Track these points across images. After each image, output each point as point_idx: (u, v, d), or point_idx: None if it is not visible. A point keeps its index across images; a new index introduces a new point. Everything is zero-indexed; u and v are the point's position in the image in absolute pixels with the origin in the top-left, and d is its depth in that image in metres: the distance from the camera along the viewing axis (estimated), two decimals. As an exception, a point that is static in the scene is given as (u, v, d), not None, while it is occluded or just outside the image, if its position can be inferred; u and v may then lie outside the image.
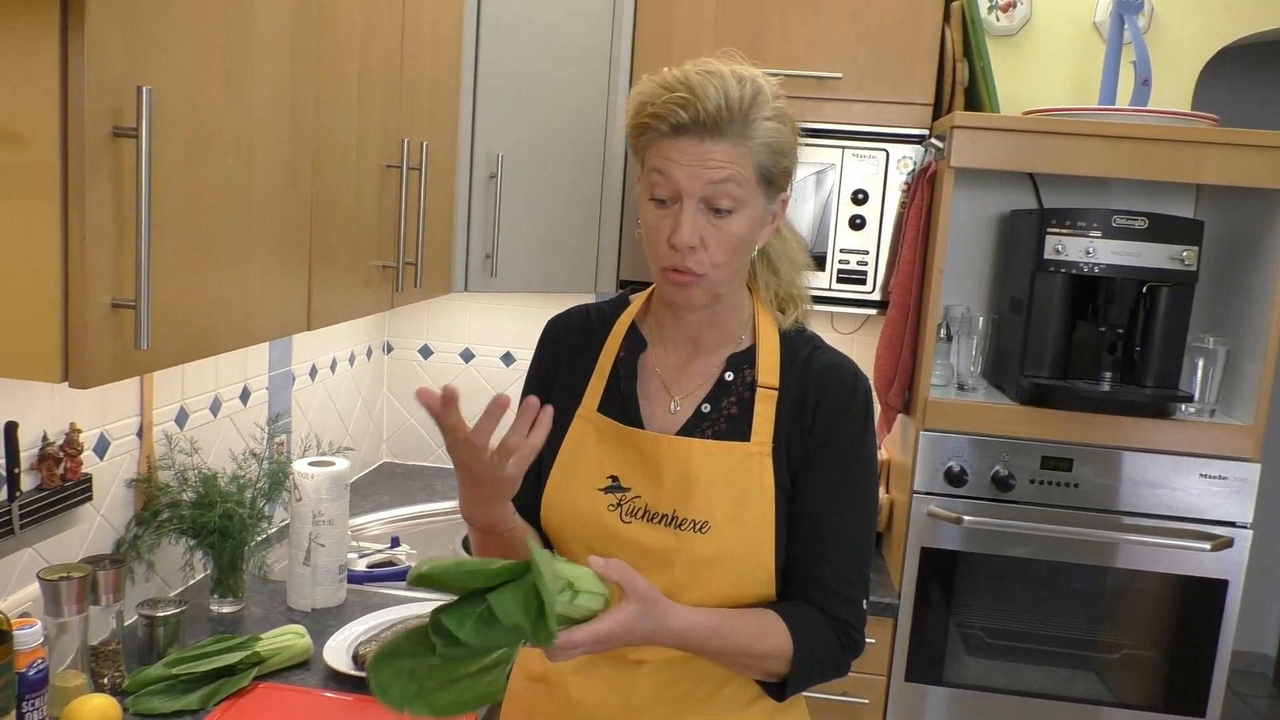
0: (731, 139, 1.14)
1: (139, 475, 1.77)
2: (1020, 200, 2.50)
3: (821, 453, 1.23)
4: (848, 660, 1.24)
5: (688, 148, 1.14)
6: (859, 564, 1.25)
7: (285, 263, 1.45)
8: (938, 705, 2.23)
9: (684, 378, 1.29)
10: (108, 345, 1.06)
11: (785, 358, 1.27)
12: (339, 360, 2.60)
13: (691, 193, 1.14)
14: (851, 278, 2.34)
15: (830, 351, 1.29)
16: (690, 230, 1.15)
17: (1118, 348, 2.22)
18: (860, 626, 1.24)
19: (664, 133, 1.15)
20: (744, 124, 1.14)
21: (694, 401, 1.27)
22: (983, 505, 2.16)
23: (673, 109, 1.13)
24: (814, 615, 1.22)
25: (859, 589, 1.24)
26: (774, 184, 1.20)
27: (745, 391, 1.26)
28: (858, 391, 1.25)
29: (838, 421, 1.24)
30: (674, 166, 1.15)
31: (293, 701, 1.54)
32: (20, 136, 1.00)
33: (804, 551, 1.23)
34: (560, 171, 2.35)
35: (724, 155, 1.14)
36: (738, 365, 1.27)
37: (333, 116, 1.56)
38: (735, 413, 1.25)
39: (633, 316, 1.33)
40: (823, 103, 2.31)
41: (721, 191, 1.14)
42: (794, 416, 1.24)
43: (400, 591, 2.01)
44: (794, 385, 1.25)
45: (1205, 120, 2.10)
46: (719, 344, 1.29)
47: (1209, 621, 2.15)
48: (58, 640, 1.41)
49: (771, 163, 1.18)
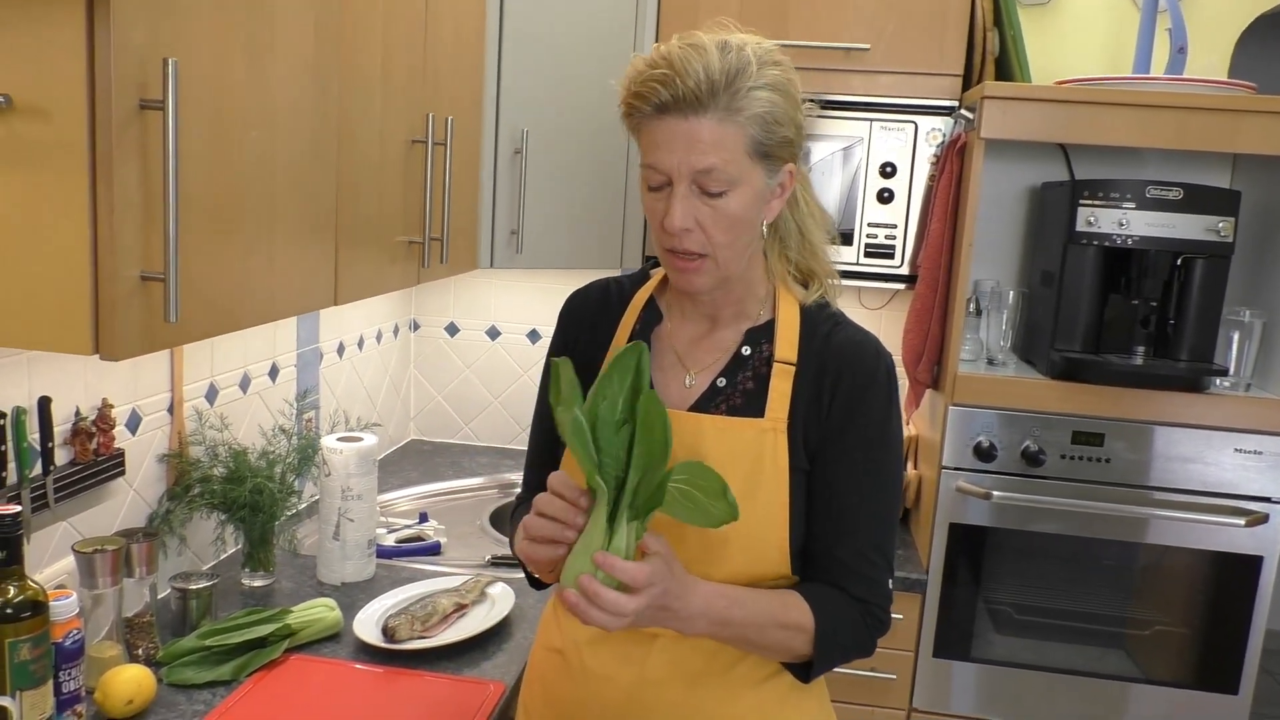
0: (716, 114, 1.09)
1: (170, 450, 1.78)
2: (1051, 172, 2.46)
3: (842, 433, 1.20)
4: (873, 640, 1.23)
5: (673, 127, 1.10)
6: (882, 545, 1.22)
7: (311, 237, 1.45)
8: (965, 681, 2.22)
9: (700, 352, 1.27)
10: (137, 318, 1.07)
11: (805, 333, 1.24)
12: (366, 338, 2.61)
13: (680, 176, 1.12)
14: (880, 252, 2.32)
15: (851, 327, 1.25)
16: (682, 214, 1.12)
17: (1151, 321, 2.18)
18: (885, 606, 1.23)
19: (648, 113, 1.12)
20: (729, 96, 1.09)
21: (709, 376, 1.25)
22: (1012, 480, 2.14)
23: (654, 87, 1.10)
24: (837, 595, 1.20)
25: (883, 569, 1.22)
26: (772, 156, 1.15)
27: (762, 366, 1.23)
28: (880, 370, 1.22)
29: (859, 401, 1.20)
30: (661, 151, 1.12)
31: (323, 673, 1.55)
32: (48, 110, 1.00)
33: (825, 532, 1.21)
34: (585, 146, 2.34)
35: (709, 134, 1.09)
36: (755, 340, 1.25)
37: (356, 90, 1.56)
38: (751, 388, 1.23)
39: (651, 290, 1.32)
40: (850, 75, 2.28)
41: (710, 177, 1.11)
42: (812, 393, 1.21)
43: (429, 566, 2.02)
44: (813, 361, 1.22)
45: (1242, 88, 2.05)
46: (736, 319, 1.27)
47: (1242, 598, 2.13)
48: (93, 612, 1.43)
49: (765, 135, 1.13)
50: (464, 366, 2.91)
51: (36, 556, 1.48)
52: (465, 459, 2.80)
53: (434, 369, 2.93)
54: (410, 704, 1.47)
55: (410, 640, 1.63)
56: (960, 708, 2.23)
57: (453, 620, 1.71)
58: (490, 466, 2.73)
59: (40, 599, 1.24)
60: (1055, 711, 2.21)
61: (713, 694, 1.23)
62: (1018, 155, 2.48)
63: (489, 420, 2.94)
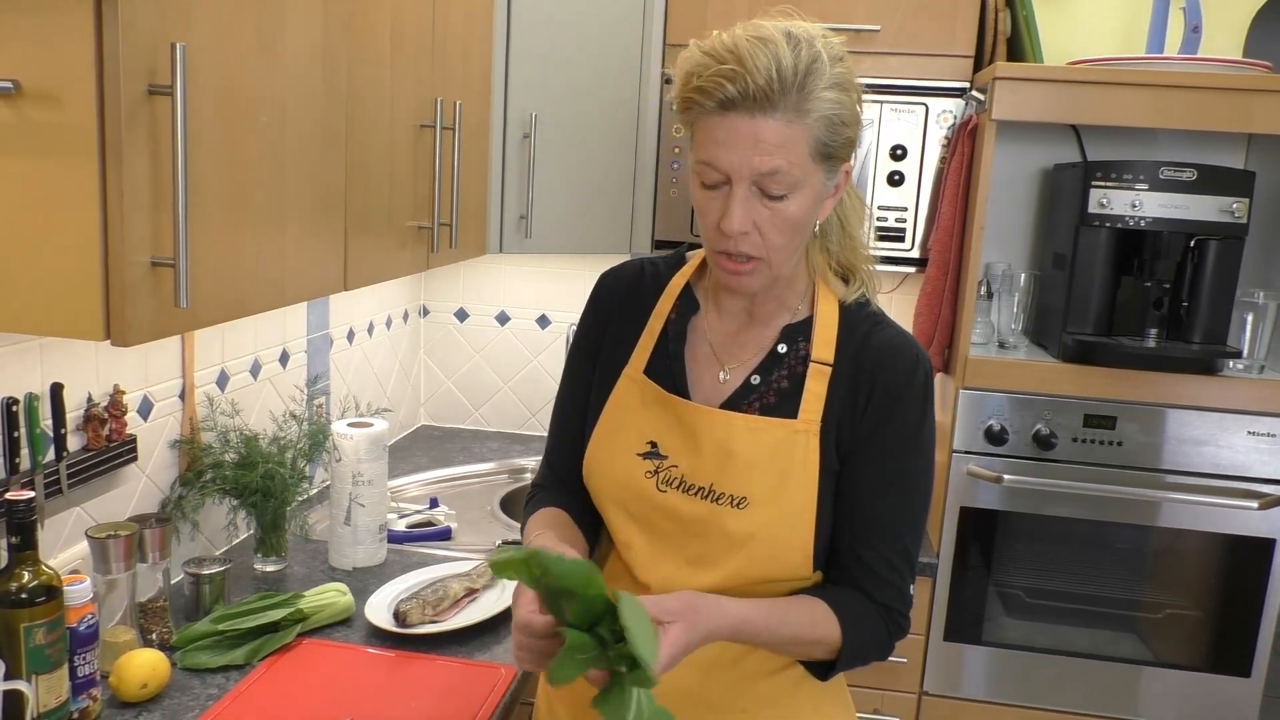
0: (785, 114, 1.04)
1: (182, 437, 1.79)
2: (1063, 154, 2.44)
3: (875, 437, 1.17)
4: (893, 644, 1.22)
5: (736, 125, 1.05)
6: (908, 551, 1.20)
7: (321, 222, 1.45)
8: (976, 665, 2.22)
9: (736, 346, 1.24)
10: (148, 303, 1.07)
11: (843, 332, 1.20)
12: (376, 324, 2.61)
13: (741, 178, 1.07)
14: (890, 235, 2.31)
15: (891, 329, 1.21)
16: (741, 217, 1.08)
17: (1164, 303, 2.17)
18: (906, 612, 1.21)
19: (710, 110, 1.06)
20: (800, 97, 1.04)
21: (744, 372, 1.22)
22: (1024, 464, 2.13)
23: (719, 83, 1.04)
24: (862, 605, 1.18)
25: (908, 576, 1.20)
26: (834, 158, 1.11)
27: (798, 365, 1.20)
28: (918, 374, 1.18)
29: (894, 406, 1.17)
30: (721, 151, 1.06)
31: (336, 657, 1.56)
32: (57, 96, 1.00)
33: (852, 536, 1.19)
34: (594, 131, 2.33)
35: (775, 135, 1.04)
36: (792, 338, 1.21)
37: (365, 75, 1.55)
38: (786, 386, 1.20)
39: (687, 277, 1.29)
40: (861, 56, 2.26)
41: (772, 180, 1.06)
42: (848, 395, 1.18)
43: (440, 551, 2.03)
44: (850, 363, 1.19)
45: (1257, 68, 2.03)
46: (774, 314, 1.23)
47: (1255, 581, 2.12)
48: (107, 597, 1.44)
49: (830, 137, 1.08)
50: (474, 352, 2.91)
51: (51, 542, 1.48)
52: (475, 444, 2.80)
53: (444, 355, 2.93)
54: (422, 688, 1.48)
55: (422, 624, 1.63)
56: (971, 692, 2.23)
57: (464, 605, 1.71)
58: (500, 452, 2.73)
59: (54, 584, 1.25)
60: (1067, 695, 2.20)
61: (725, 682, 1.22)
62: (1029, 137, 2.46)
63: (499, 406, 2.94)
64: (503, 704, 1.45)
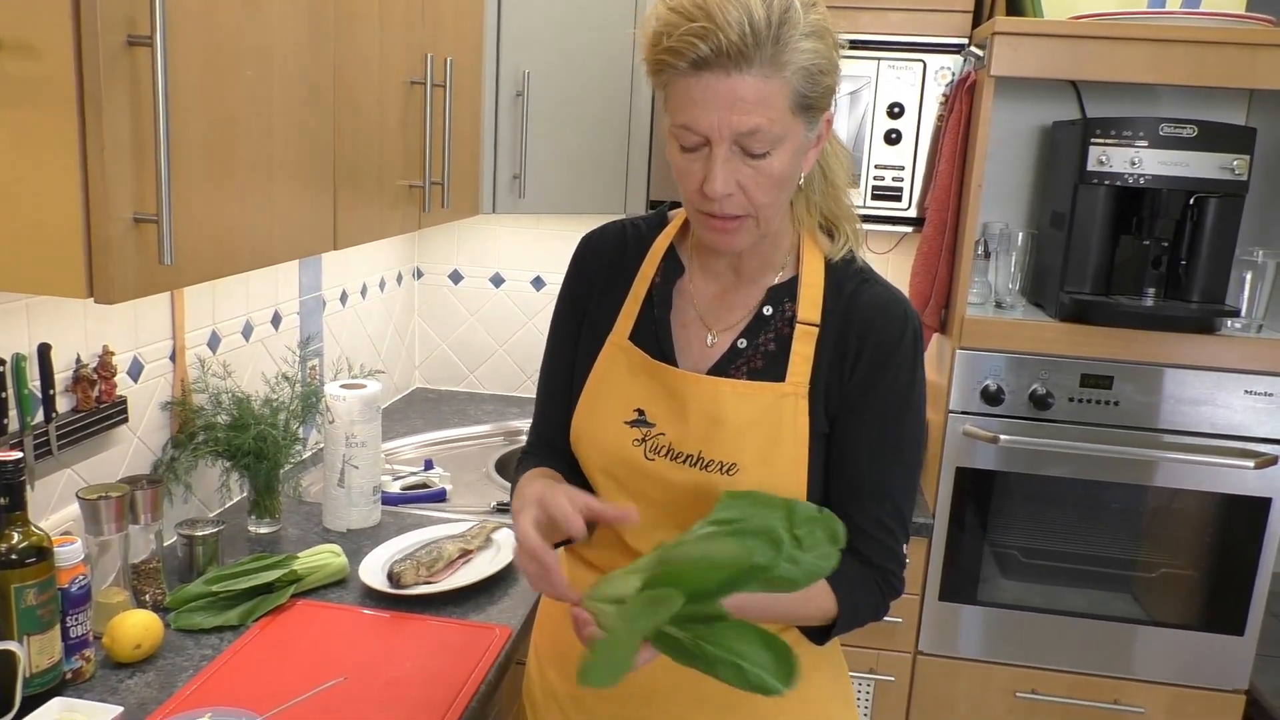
0: (761, 69, 1.00)
1: (173, 398, 1.78)
2: (1063, 111, 2.42)
3: (865, 398, 1.16)
4: (887, 605, 1.21)
5: (712, 85, 1.01)
6: (901, 511, 1.19)
7: (309, 179, 1.43)
8: (971, 625, 2.23)
9: (722, 308, 1.22)
10: (132, 260, 1.05)
11: (829, 291, 1.17)
12: (369, 286, 2.59)
13: (721, 139, 1.03)
14: (887, 194, 2.29)
15: (879, 285, 1.19)
16: (724, 179, 1.05)
17: (1162, 262, 2.15)
18: (900, 573, 1.20)
19: (683, 70, 1.02)
20: (775, 50, 1.00)
21: (731, 335, 1.20)
22: (1020, 424, 2.13)
23: (690, 42, 1.00)
24: (856, 568, 1.17)
25: (900, 537, 1.20)
26: (814, 108, 1.07)
27: (784, 327, 1.19)
28: (907, 332, 1.16)
29: (883, 365, 1.15)
30: (698, 112, 1.03)
31: (330, 618, 1.56)
32: (34, 46, 0.98)
33: (845, 499, 1.17)
34: (588, 89, 2.30)
35: (753, 92, 1.01)
36: (778, 298, 1.19)
37: (353, 29, 1.52)
38: (773, 349, 1.18)
39: (670, 238, 1.26)
40: (858, 12, 2.23)
41: (753, 139, 1.03)
42: (835, 356, 1.16)
43: (434, 512, 2.03)
44: (837, 322, 1.16)
45: (1261, 22, 2.00)
46: (760, 273, 1.21)
47: (1250, 541, 2.12)
48: (99, 558, 1.44)
49: (809, 88, 1.04)
50: (468, 314, 2.90)
51: (42, 504, 1.47)
52: (470, 406, 2.79)
53: (438, 317, 2.92)
54: (416, 648, 1.48)
55: (416, 585, 1.63)
56: (966, 651, 2.24)
57: (458, 566, 1.71)
58: (495, 414, 2.73)
59: (45, 545, 1.24)
60: (1061, 654, 2.22)
61: None
62: (1028, 94, 2.43)
63: (494, 368, 2.93)
64: (497, 664, 1.45)
